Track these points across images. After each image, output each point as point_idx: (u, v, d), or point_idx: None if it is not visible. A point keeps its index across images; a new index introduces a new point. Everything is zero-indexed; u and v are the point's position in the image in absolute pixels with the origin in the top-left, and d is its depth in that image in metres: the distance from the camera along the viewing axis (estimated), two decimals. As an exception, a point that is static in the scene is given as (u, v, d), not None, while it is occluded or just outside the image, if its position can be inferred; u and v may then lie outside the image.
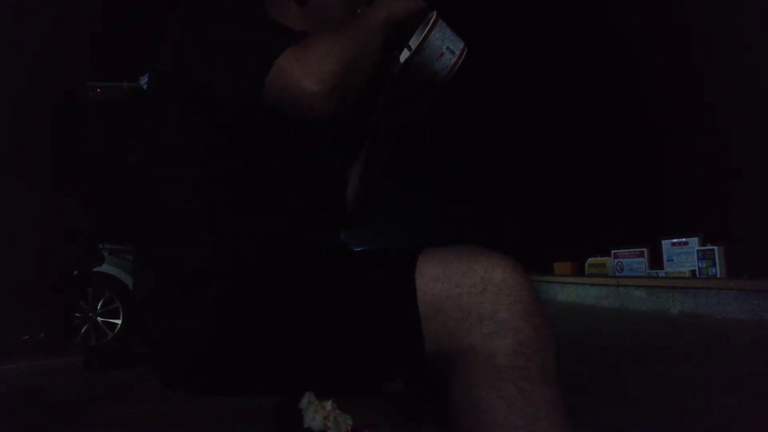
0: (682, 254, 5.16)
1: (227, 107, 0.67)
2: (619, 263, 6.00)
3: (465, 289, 0.56)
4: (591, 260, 6.63)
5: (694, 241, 5.05)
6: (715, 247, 4.80)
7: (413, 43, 0.74)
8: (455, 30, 0.77)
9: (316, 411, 0.51)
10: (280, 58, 0.60)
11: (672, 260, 5.28)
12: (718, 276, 4.72)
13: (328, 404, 0.52)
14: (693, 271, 4.98)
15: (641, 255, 5.75)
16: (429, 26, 0.73)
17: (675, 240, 5.26)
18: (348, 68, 0.62)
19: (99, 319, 4.03)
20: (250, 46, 0.63)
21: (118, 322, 4.06)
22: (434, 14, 0.74)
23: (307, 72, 0.60)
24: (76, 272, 2.98)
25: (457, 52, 0.76)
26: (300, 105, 0.61)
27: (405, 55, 0.76)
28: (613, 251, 6.14)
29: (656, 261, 5.56)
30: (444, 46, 0.75)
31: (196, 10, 0.70)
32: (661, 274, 5.36)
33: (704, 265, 4.88)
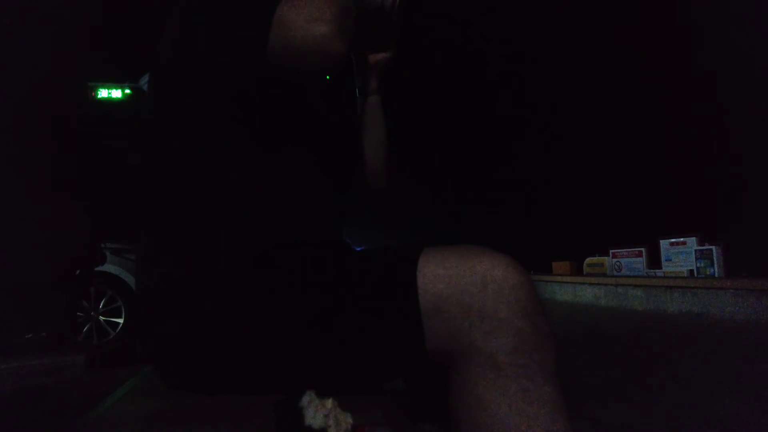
0: (680, 254, 5.17)
1: (234, 81, 0.67)
2: (617, 263, 6.01)
3: (466, 288, 0.57)
4: (589, 260, 6.64)
5: (692, 241, 5.07)
6: (713, 247, 4.81)
7: None
8: None
9: (317, 409, 0.52)
10: (278, 9, 0.60)
11: (670, 260, 5.30)
12: (716, 276, 4.74)
13: (329, 402, 0.52)
14: (691, 271, 4.99)
15: (639, 254, 5.76)
16: None
17: (673, 239, 5.27)
18: (345, 6, 0.63)
19: (101, 318, 4.04)
20: (247, 10, 0.64)
21: (120, 321, 4.07)
22: None
23: (311, 16, 0.60)
24: (78, 271, 2.99)
25: None
26: (312, 50, 0.60)
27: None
28: (611, 251, 6.15)
29: (654, 260, 5.57)
30: None
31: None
32: (659, 273, 5.37)
33: (702, 265, 4.89)
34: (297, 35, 0.60)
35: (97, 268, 3.62)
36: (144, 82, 4.22)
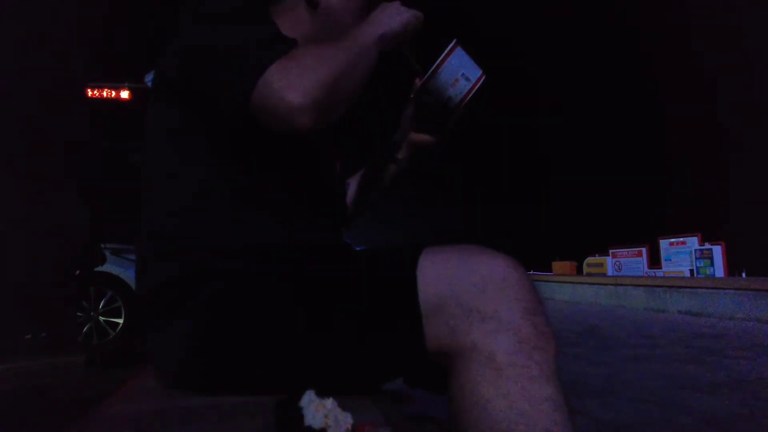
0: (680, 254, 5.18)
1: (224, 113, 0.67)
2: (618, 263, 6.01)
3: (466, 288, 0.57)
4: (589, 259, 6.64)
5: (692, 241, 5.07)
6: (713, 247, 4.82)
7: (430, 67, 0.77)
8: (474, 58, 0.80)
9: (317, 409, 0.51)
10: (267, 71, 0.61)
11: (670, 260, 5.30)
12: (716, 275, 4.74)
13: (329, 402, 0.52)
14: (691, 271, 5.00)
15: (639, 254, 5.77)
16: (446, 52, 0.76)
17: (673, 239, 5.28)
18: (333, 83, 0.62)
19: (101, 318, 4.04)
20: (242, 57, 0.63)
21: (120, 321, 4.06)
22: (453, 41, 0.77)
23: (289, 85, 0.60)
24: (78, 272, 2.99)
25: (473, 79, 0.79)
26: (279, 117, 0.61)
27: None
28: (611, 250, 6.16)
29: (655, 260, 5.58)
30: (459, 72, 0.78)
31: (202, 11, 0.70)
32: (659, 273, 5.37)
33: (702, 265, 4.89)
34: (270, 99, 0.60)
35: (97, 268, 3.62)
36: (149, 78, 4.20)
